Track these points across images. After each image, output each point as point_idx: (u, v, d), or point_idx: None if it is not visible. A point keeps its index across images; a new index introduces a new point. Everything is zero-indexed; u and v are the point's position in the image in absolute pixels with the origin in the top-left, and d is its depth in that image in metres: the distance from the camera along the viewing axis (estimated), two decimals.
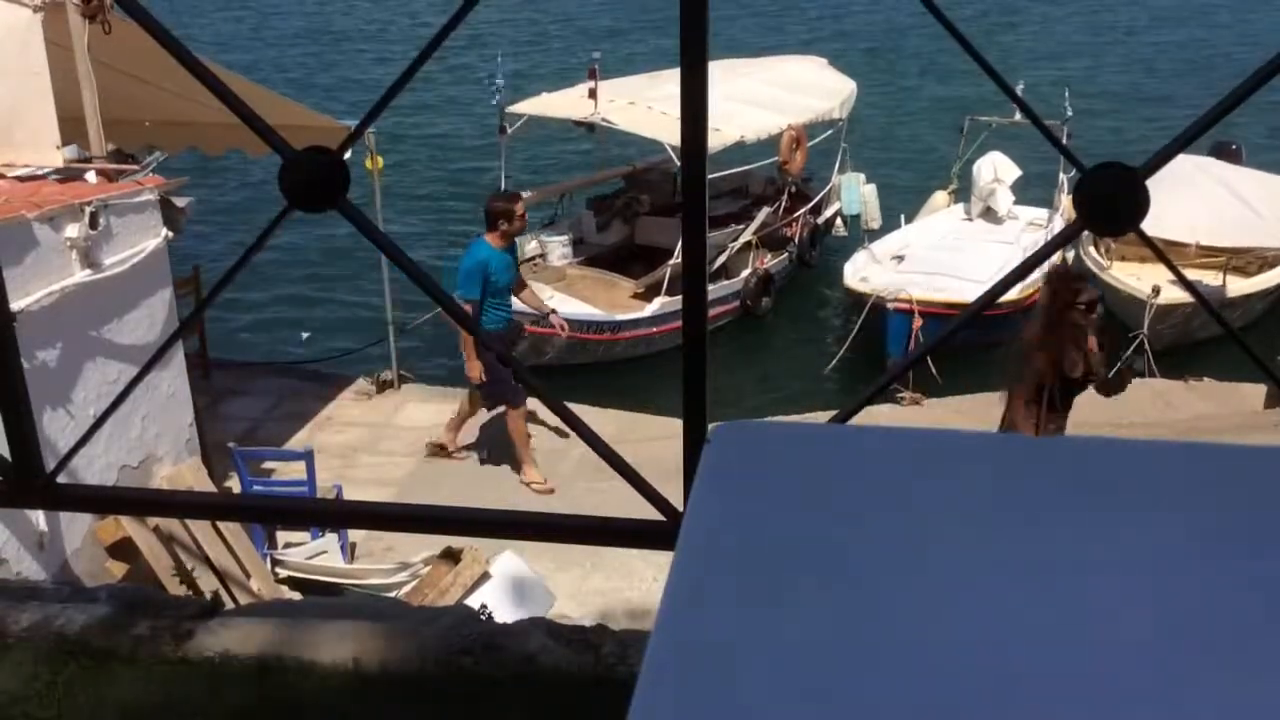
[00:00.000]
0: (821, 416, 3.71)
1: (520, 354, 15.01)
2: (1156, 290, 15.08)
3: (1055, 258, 16.89)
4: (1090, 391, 14.47)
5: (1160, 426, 13.04)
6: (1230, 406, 13.71)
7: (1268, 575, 1.20)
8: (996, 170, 18.61)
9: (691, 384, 2.26)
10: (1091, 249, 17.00)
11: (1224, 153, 18.80)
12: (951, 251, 17.33)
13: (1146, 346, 14.91)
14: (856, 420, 2.23)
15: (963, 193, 19.44)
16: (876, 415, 11.82)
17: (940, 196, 19.66)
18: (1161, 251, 2.39)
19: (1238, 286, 16.44)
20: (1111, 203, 1.91)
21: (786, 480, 1.38)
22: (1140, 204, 1.87)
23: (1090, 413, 13.55)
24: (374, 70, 32.24)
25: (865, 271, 16.78)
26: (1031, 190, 18.62)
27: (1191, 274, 16.01)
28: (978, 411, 13.44)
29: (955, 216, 19.10)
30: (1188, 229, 16.43)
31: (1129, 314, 15.58)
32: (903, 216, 19.04)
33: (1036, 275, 16.29)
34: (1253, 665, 1.10)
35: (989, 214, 18.78)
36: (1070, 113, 18.39)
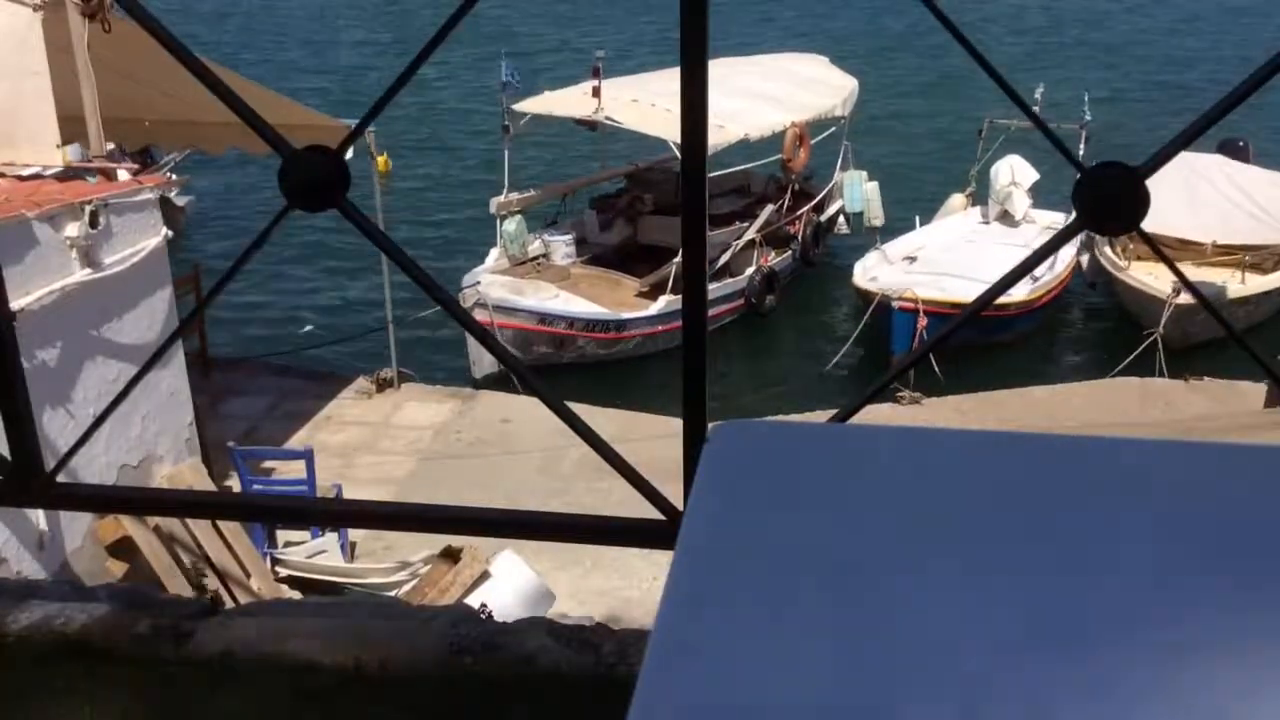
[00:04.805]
0: (823, 415, 3.71)
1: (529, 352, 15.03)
2: (1177, 289, 15.03)
3: (1067, 255, 16.99)
4: (1088, 391, 14.53)
5: (1160, 426, 13.03)
6: (1230, 406, 13.71)
7: (1268, 573, 1.20)
8: (1014, 173, 18.64)
9: (691, 384, 2.26)
10: (1107, 249, 16.99)
11: (1232, 150, 18.79)
12: (964, 253, 17.37)
13: (1160, 346, 14.88)
14: (856, 420, 2.23)
15: (980, 196, 19.46)
16: (876, 415, 11.81)
17: (958, 199, 19.70)
18: (1161, 250, 2.38)
19: (1256, 284, 16.47)
20: (1111, 202, 1.91)
21: (786, 480, 1.38)
22: (1140, 203, 1.86)
23: (1090, 413, 13.58)
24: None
25: (875, 271, 16.82)
26: (1052, 193, 18.61)
27: (1209, 272, 16.11)
28: (978, 411, 13.45)
29: (972, 219, 19.13)
30: (1201, 228, 16.47)
31: (1147, 313, 15.53)
32: (918, 219, 19.06)
33: (1048, 278, 16.41)
34: (1254, 661, 1.10)
35: (1006, 217, 18.81)
36: (1089, 116, 18.41)
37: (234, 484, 10.40)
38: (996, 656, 1.12)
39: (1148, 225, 1.92)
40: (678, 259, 15.66)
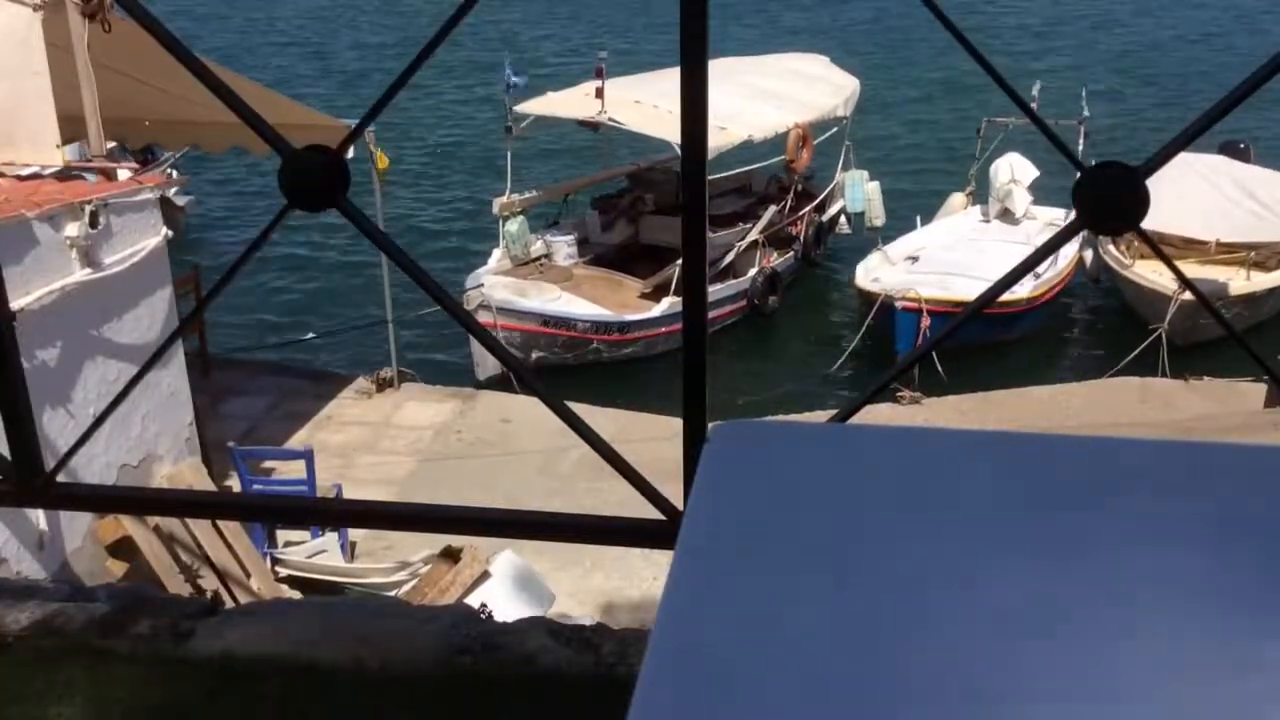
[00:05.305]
0: (823, 416, 3.70)
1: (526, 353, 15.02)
2: (1183, 286, 14.91)
3: (1070, 251, 17.00)
4: (1088, 391, 14.53)
5: (1160, 426, 13.03)
6: (1230, 406, 13.71)
7: (1267, 571, 1.20)
8: (1014, 171, 18.64)
9: (691, 384, 2.26)
10: (1111, 246, 16.99)
11: (1233, 151, 18.83)
12: (966, 252, 17.37)
13: (1163, 342, 14.89)
14: (856, 420, 2.23)
15: (980, 194, 19.48)
16: (876, 415, 11.81)
17: (958, 198, 19.70)
18: (1160, 250, 2.39)
19: (1261, 281, 16.51)
20: (1111, 202, 1.91)
21: (786, 480, 1.38)
22: (1140, 203, 1.86)
23: (1090, 413, 13.57)
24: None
25: (878, 272, 16.83)
26: (1053, 191, 18.58)
27: (1213, 270, 16.15)
28: (978, 411, 13.44)
29: (972, 218, 19.14)
30: (1206, 227, 16.50)
31: (1153, 310, 15.54)
32: (919, 218, 19.07)
33: (1050, 274, 16.42)
34: (1255, 660, 1.10)
35: (1006, 215, 18.83)
36: (1087, 112, 18.44)
37: (234, 484, 10.39)
38: (995, 655, 1.12)
39: (1150, 223, 1.92)
40: (680, 260, 15.64)
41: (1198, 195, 16.60)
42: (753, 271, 17.30)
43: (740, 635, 1.15)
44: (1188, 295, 14.76)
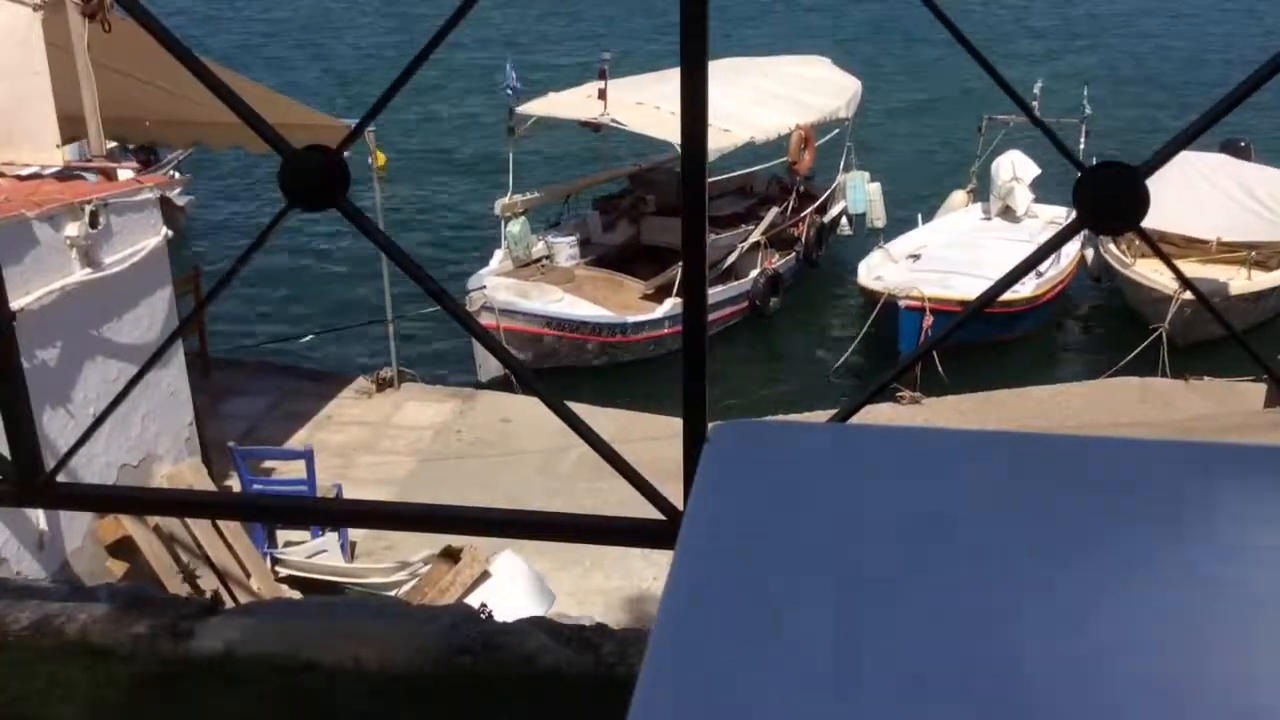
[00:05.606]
0: (823, 416, 3.70)
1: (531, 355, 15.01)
2: (1183, 286, 14.82)
3: (1071, 249, 16.99)
4: (1088, 391, 14.54)
5: (1160, 426, 13.02)
6: (1230, 406, 13.71)
7: (1268, 568, 1.20)
8: (1015, 168, 18.59)
9: (691, 384, 2.26)
10: (1112, 246, 16.95)
11: (1233, 150, 18.82)
12: (967, 250, 17.32)
13: (1164, 341, 14.88)
14: (856, 420, 2.23)
15: (981, 192, 19.46)
16: (876, 415, 11.80)
17: (959, 196, 19.65)
18: (1159, 249, 2.39)
19: (1262, 280, 16.50)
20: (1111, 202, 1.91)
21: (786, 480, 1.38)
22: (1140, 203, 1.86)
23: (1090, 413, 13.58)
24: None
25: (880, 270, 16.79)
26: (1054, 188, 18.54)
27: (1214, 269, 16.16)
28: (978, 411, 13.44)
29: (974, 216, 19.10)
30: (1207, 226, 16.50)
31: (1154, 310, 15.52)
32: (920, 216, 19.03)
33: (1053, 273, 16.42)
34: (1255, 658, 1.10)
35: (1007, 213, 18.79)
36: (1088, 109, 18.41)
37: (234, 484, 10.39)
38: (995, 654, 1.12)
39: (1151, 223, 1.92)
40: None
41: (1198, 194, 16.60)
42: (754, 273, 17.29)
43: (740, 635, 1.15)
44: (1188, 295, 14.72)
